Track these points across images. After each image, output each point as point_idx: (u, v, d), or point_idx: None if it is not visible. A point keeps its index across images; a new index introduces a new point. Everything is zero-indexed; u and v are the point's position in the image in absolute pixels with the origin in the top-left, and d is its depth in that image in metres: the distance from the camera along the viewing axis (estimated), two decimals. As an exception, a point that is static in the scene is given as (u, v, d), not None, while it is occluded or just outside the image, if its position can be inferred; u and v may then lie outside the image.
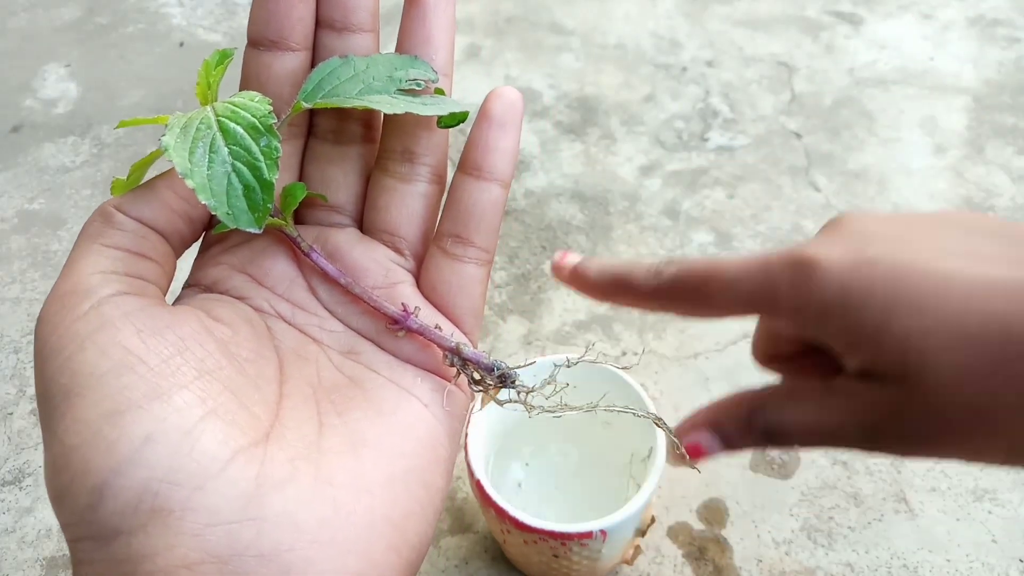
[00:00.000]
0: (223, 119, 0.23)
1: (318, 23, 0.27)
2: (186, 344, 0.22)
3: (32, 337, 0.61)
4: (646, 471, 0.42)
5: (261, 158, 0.22)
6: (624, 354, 0.59)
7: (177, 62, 0.86)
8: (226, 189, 0.22)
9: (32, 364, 0.59)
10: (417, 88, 0.26)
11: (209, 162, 0.22)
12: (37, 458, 0.54)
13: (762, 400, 0.26)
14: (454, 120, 0.26)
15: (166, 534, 0.20)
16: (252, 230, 0.22)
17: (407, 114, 0.25)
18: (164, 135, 0.22)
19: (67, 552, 0.49)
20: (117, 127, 0.25)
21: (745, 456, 0.53)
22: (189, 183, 0.22)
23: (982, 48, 0.84)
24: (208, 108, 0.24)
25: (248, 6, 0.92)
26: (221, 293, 0.26)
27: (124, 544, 0.20)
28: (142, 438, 0.20)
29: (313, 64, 0.27)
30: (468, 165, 0.26)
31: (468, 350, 0.25)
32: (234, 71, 0.26)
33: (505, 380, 0.25)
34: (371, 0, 0.27)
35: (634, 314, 0.61)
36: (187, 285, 0.27)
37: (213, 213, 0.22)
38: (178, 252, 0.26)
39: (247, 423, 0.22)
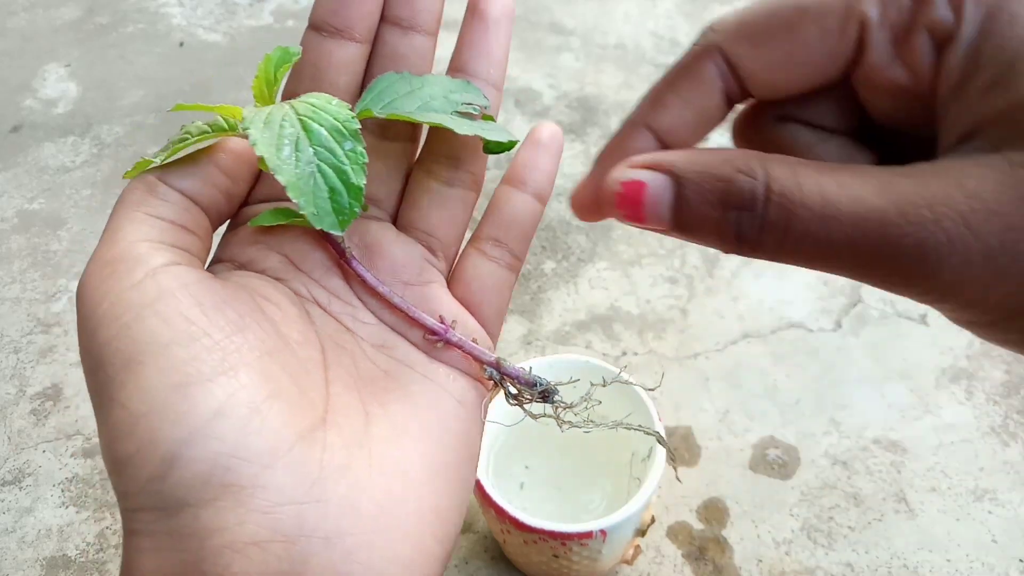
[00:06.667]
0: (305, 119, 0.23)
1: (383, 18, 0.27)
2: (245, 322, 0.22)
3: (32, 337, 0.61)
4: (646, 471, 0.42)
5: (347, 162, 0.22)
6: (624, 354, 0.59)
7: (177, 62, 0.86)
8: (312, 190, 0.22)
9: (32, 364, 0.59)
10: (472, 112, 0.26)
11: (296, 160, 0.22)
12: (37, 458, 0.54)
13: (764, 157, 0.20)
14: (501, 148, 0.27)
15: (236, 510, 0.20)
16: (335, 232, 0.22)
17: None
18: (247, 128, 0.22)
19: (67, 552, 0.49)
20: (172, 110, 0.25)
21: (745, 456, 0.53)
22: (280, 179, 0.22)
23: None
24: (287, 105, 0.23)
25: (248, 6, 0.92)
26: (257, 272, 0.26)
27: (191, 517, 0.20)
28: (212, 411, 0.20)
29: (370, 56, 0.27)
30: (514, 179, 0.28)
31: (508, 365, 0.26)
32: (231, 70, 0.26)
33: (546, 396, 0.26)
34: (438, 4, 0.27)
35: (634, 314, 0.61)
36: (216, 260, 0.26)
37: (300, 212, 0.22)
38: (214, 227, 0.26)
39: (306, 407, 0.22)
